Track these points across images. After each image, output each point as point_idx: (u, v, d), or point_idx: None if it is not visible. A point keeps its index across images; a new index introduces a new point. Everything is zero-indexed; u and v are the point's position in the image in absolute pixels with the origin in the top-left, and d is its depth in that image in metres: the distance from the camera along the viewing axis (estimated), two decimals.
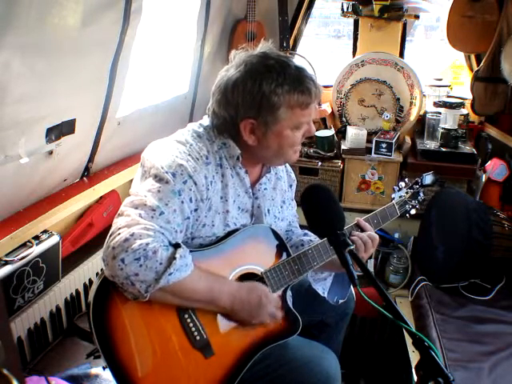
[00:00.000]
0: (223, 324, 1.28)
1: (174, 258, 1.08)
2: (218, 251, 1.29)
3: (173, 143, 1.26)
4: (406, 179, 1.73)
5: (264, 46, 1.30)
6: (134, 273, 1.05)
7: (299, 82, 1.23)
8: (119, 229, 1.09)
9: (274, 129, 1.25)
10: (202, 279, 1.19)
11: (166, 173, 1.17)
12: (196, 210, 1.22)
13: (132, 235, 1.06)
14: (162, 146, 1.26)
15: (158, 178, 1.17)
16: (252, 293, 1.26)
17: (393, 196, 1.63)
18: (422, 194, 1.70)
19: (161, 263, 1.07)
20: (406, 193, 1.66)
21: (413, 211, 1.68)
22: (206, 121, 1.35)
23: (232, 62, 1.28)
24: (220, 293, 1.21)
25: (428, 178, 1.70)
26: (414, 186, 1.69)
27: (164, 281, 1.07)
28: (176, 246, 1.13)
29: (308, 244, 1.47)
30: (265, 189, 1.42)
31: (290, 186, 1.55)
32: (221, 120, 1.29)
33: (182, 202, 1.17)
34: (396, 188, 1.66)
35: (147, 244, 1.06)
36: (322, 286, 1.52)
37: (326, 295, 1.53)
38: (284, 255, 1.40)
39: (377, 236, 1.40)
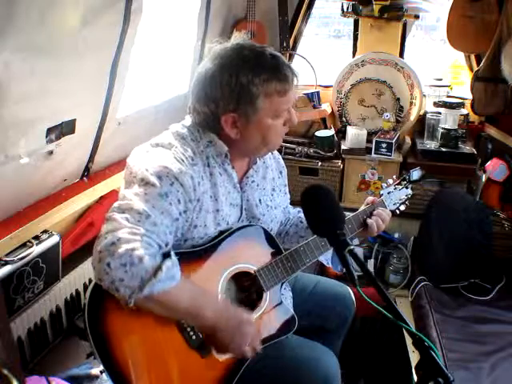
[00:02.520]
0: None
1: (160, 269, 1.06)
2: (211, 251, 1.30)
3: (157, 148, 1.26)
4: (394, 176, 1.75)
5: (238, 38, 1.29)
6: (119, 278, 1.03)
7: (276, 70, 1.23)
8: (106, 233, 1.08)
9: (255, 119, 1.25)
10: (187, 292, 1.16)
11: (152, 176, 1.16)
12: (185, 211, 1.22)
13: (118, 240, 1.05)
14: (146, 150, 1.26)
15: (145, 182, 1.16)
16: (238, 316, 1.22)
17: (381, 192, 1.65)
18: (410, 190, 1.72)
19: (146, 271, 1.05)
20: (395, 189, 1.67)
21: (402, 207, 1.70)
22: (188, 121, 1.35)
23: (207, 57, 1.28)
24: (205, 308, 1.16)
25: (415, 174, 1.73)
26: (402, 182, 1.71)
27: (148, 290, 1.05)
28: (165, 255, 1.11)
29: None
30: (252, 181, 1.42)
31: (280, 172, 1.56)
32: (202, 116, 1.29)
33: (170, 204, 1.16)
34: (384, 185, 1.69)
35: (133, 250, 1.04)
36: (325, 255, 1.52)
37: (330, 265, 1.56)
38: (276, 253, 1.41)
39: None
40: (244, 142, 1.30)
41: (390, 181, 1.70)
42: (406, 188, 1.71)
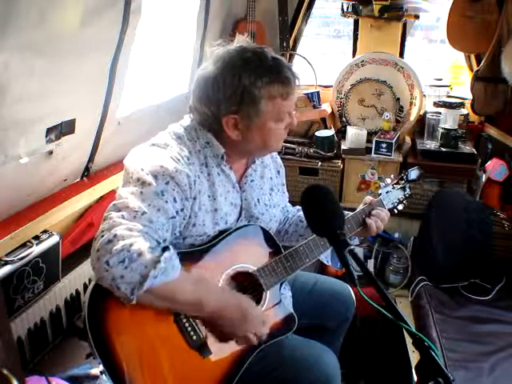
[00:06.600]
0: None
1: (159, 261, 1.06)
2: (210, 251, 1.30)
3: (153, 148, 1.26)
4: (392, 175, 1.75)
5: (240, 40, 1.30)
6: (119, 275, 1.03)
7: (278, 73, 1.24)
8: (102, 231, 1.08)
9: (257, 122, 1.26)
10: (189, 283, 1.17)
11: (148, 175, 1.17)
12: (182, 209, 1.22)
13: (115, 236, 1.05)
14: (142, 151, 1.26)
15: (141, 182, 1.17)
16: (241, 303, 1.24)
17: (380, 192, 1.65)
18: (408, 190, 1.72)
19: (146, 266, 1.05)
20: (393, 188, 1.68)
21: (400, 206, 1.70)
22: (186, 121, 1.35)
23: (209, 59, 1.28)
24: (208, 298, 1.18)
25: (413, 174, 1.73)
26: (400, 182, 1.71)
27: (149, 283, 1.05)
28: (164, 248, 1.11)
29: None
30: (251, 180, 1.43)
31: (278, 171, 1.56)
32: (203, 117, 1.30)
33: (166, 202, 1.16)
34: (382, 184, 1.69)
35: (131, 245, 1.04)
36: (325, 253, 1.52)
37: (330, 263, 1.56)
38: (275, 253, 1.41)
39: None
40: (244, 143, 1.30)
41: (388, 180, 1.70)
42: (404, 187, 1.71)
